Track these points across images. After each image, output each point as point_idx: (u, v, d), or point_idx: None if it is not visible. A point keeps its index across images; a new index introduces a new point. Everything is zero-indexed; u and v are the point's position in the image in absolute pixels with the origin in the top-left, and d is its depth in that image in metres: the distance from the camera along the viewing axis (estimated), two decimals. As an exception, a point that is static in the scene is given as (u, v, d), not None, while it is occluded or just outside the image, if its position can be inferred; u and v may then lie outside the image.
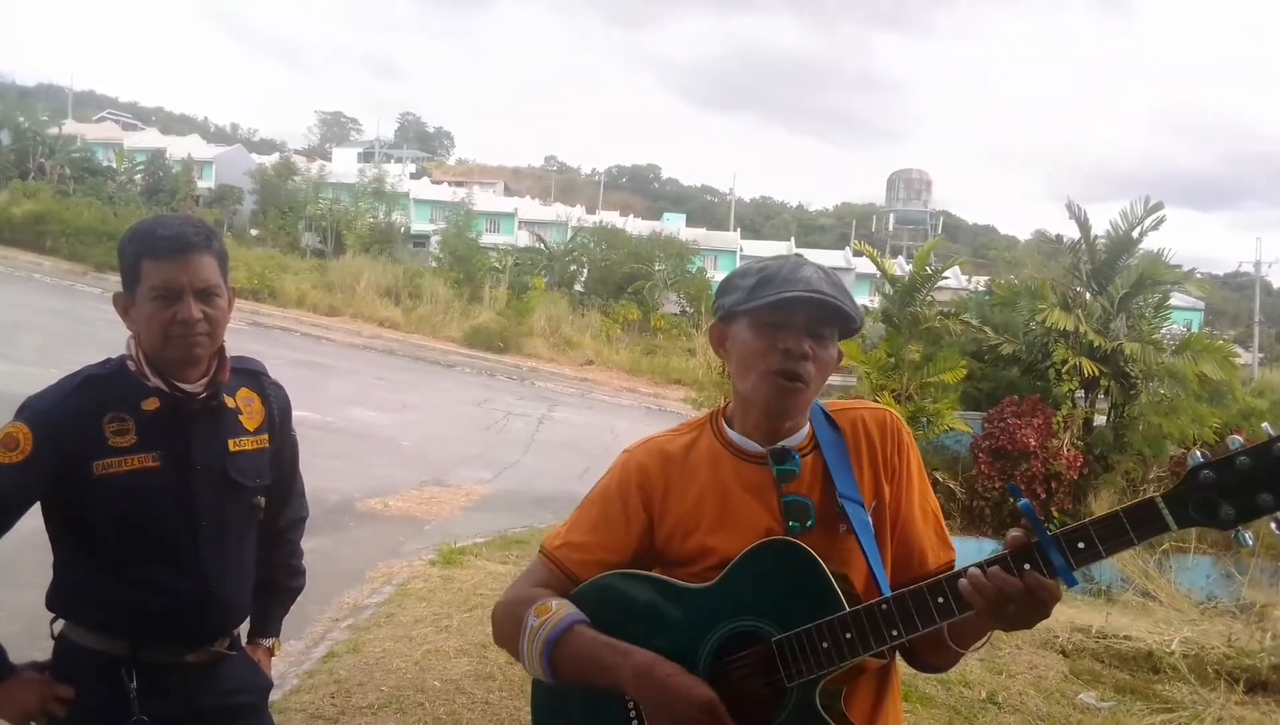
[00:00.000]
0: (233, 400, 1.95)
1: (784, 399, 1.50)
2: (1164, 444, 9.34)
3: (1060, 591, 1.31)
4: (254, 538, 2.02)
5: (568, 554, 1.60)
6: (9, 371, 11.01)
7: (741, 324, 1.54)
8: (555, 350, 23.58)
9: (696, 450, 1.60)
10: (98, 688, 1.83)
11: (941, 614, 1.36)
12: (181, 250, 1.78)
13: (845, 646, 1.40)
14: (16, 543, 1.93)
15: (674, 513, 1.57)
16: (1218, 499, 1.25)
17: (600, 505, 1.62)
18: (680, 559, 1.56)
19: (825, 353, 1.51)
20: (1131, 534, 1.28)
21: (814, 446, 1.57)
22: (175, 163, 39.69)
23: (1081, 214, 10.31)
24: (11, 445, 1.76)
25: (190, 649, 1.89)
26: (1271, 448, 1.23)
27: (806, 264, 1.53)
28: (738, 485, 1.55)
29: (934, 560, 1.60)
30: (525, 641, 1.51)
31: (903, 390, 9.76)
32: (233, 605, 1.97)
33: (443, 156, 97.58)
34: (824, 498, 1.53)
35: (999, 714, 4.75)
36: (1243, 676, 5.48)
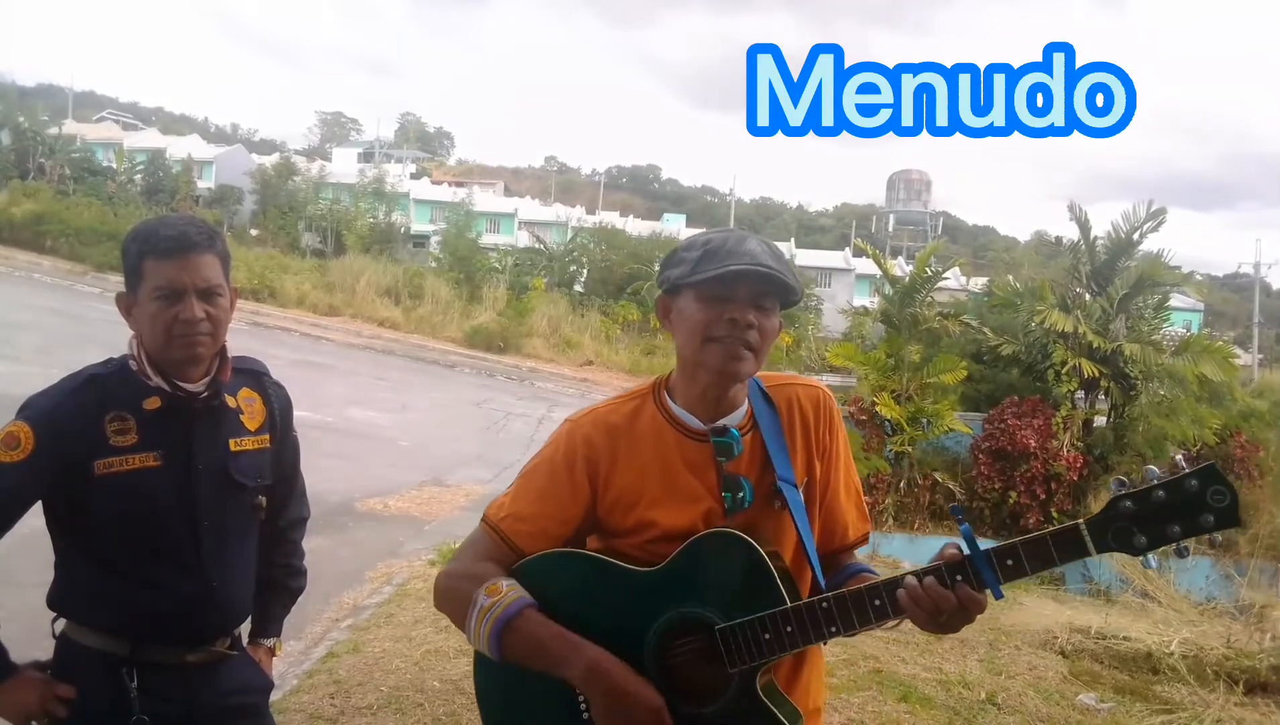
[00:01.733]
0: (234, 400, 1.95)
1: (732, 364, 1.53)
2: (1164, 445, 9.33)
3: (986, 603, 1.42)
4: (255, 538, 2.03)
5: (513, 526, 1.62)
6: (8, 372, 11.01)
7: (687, 296, 1.57)
8: (555, 350, 23.56)
9: (640, 422, 1.63)
10: (99, 687, 1.83)
11: (878, 616, 1.46)
12: (184, 250, 1.79)
13: (786, 639, 1.48)
14: (16, 543, 1.93)
15: (618, 485, 1.60)
16: (1133, 528, 1.37)
17: (545, 476, 1.64)
18: (622, 530, 1.60)
19: (768, 323, 1.56)
20: (1055, 556, 1.40)
21: (752, 425, 1.62)
22: (175, 163, 39.68)
23: (1083, 215, 10.32)
24: (13, 444, 1.77)
25: (191, 649, 1.90)
26: (1184, 483, 1.35)
27: (749, 237, 1.59)
28: (680, 461, 1.59)
29: (854, 533, 1.71)
30: (474, 619, 1.54)
31: (902, 391, 9.77)
32: (233, 605, 1.97)
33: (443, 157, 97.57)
34: (761, 477, 1.59)
35: (999, 715, 4.75)
36: (1242, 678, 5.47)
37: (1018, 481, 9.10)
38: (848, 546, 1.71)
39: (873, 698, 4.67)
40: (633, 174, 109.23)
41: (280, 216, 35.82)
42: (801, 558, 1.60)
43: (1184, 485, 1.35)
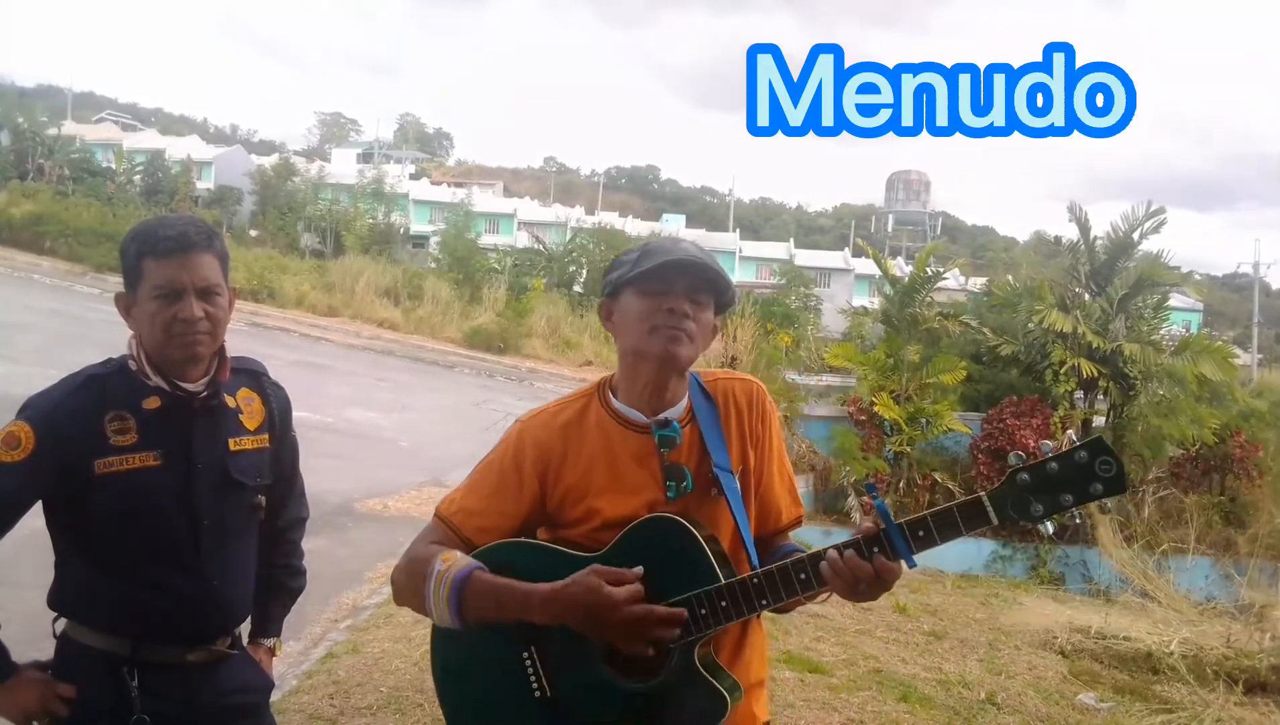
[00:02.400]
0: (233, 400, 1.97)
1: (673, 347, 1.64)
2: (1163, 445, 9.34)
3: (901, 571, 1.54)
4: (255, 537, 2.03)
5: (464, 519, 1.71)
6: (8, 372, 11.00)
7: (628, 294, 1.69)
8: (554, 351, 23.55)
9: (586, 421, 1.73)
10: (99, 686, 1.84)
11: (803, 588, 1.57)
12: (183, 249, 1.81)
13: (720, 613, 1.58)
14: (16, 543, 1.93)
15: (567, 481, 1.70)
16: (1030, 497, 1.51)
17: (496, 473, 1.73)
18: (569, 521, 1.70)
19: (704, 316, 1.68)
20: (961, 525, 1.52)
21: (691, 418, 1.73)
22: (174, 163, 39.64)
23: (1082, 215, 10.32)
24: (13, 444, 1.78)
25: (191, 648, 1.90)
26: (1073, 455, 1.49)
27: (684, 240, 1.77)
28: (624, 453, 1.70)
29: (787, 516, 1.83)
30: (431, 586, 1.61)
31: (901, 391, 9.76)
32: (234, 604, 1.98)
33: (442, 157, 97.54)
34: (699, 465, 1.70)
35: (998, 714, 4.75)
36: (1242, 677, 5.48)
37: (1017, 481, 9.09)
38: (781, 529, 1.83)
39: (872, 698, 4.67)
40: (632, 174, 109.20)
41: (279, 217, 35.79)
42: (739, 540, 1.69)
43: (1074, 457, 1.49)
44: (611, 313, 1.75)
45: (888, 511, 1.54)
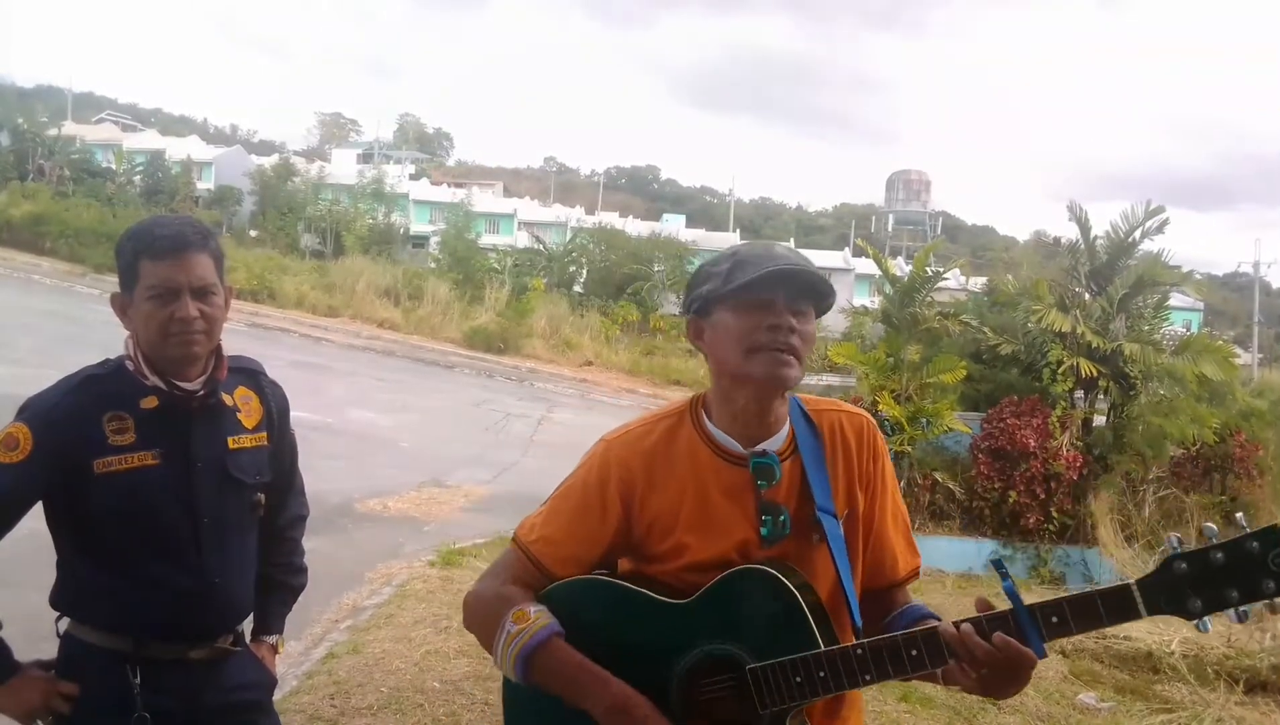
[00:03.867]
0: (231, 398, 1.97)
1: (779, 371, 1.49)
2: (1164, 444, 9.33)
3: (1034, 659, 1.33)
4: (255, 535, 2.04)
5: (543, 549, 1.59)
6: (8, 373, 11.00)
7: (721, 311, 1.53)
8: (554, 351, 23.55)
9: (676, 444, 1.59)
10: (102, 684, 1.85)
11: (914, 665, 1.39)
12: (179, 249, 1.81)
13: (818, 684, 1.43)
14: (16, 542, 1.94)
15: (653, 509, 1.56)
16: (1188, 591, 1.30)
17: (578, 498, 1.61)
18: (654, 555, 1.56)
19: (807, 328, 1.52)
20: (1104, 616, 1.33)
21: (793, 450, 1.57)
22: (174, 164, 39.69)
23: (1082, 215, 10.31)
24: (12, 445, 1.79)
25: (193, 645, 1.91)
26: (1243, 545, 1.27)
27: (775, 244, 1.57)
28: (716, 486, 1.55)
29: (904, 566, 1.65)
30: (500, 644, 1.52)
31: (902, 391, 9.76)
32: (235, 601, 1.98)
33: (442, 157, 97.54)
34: (800, 506, 1.54)
35: (999, 714, 4.75)
36: (1242, 677, 5.48)
37: (1017, 481, 9.10)
38: (898, 582, 1.65)
39: (873, 697, 4.67)
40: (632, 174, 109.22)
41: (279, 217, 35.83)
42: (840, 594, 1.54)
43: (1244, 547, 1.28)
44: (702, 331, 1.58)
45: (1016, 592, 1.36)
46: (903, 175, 75.62)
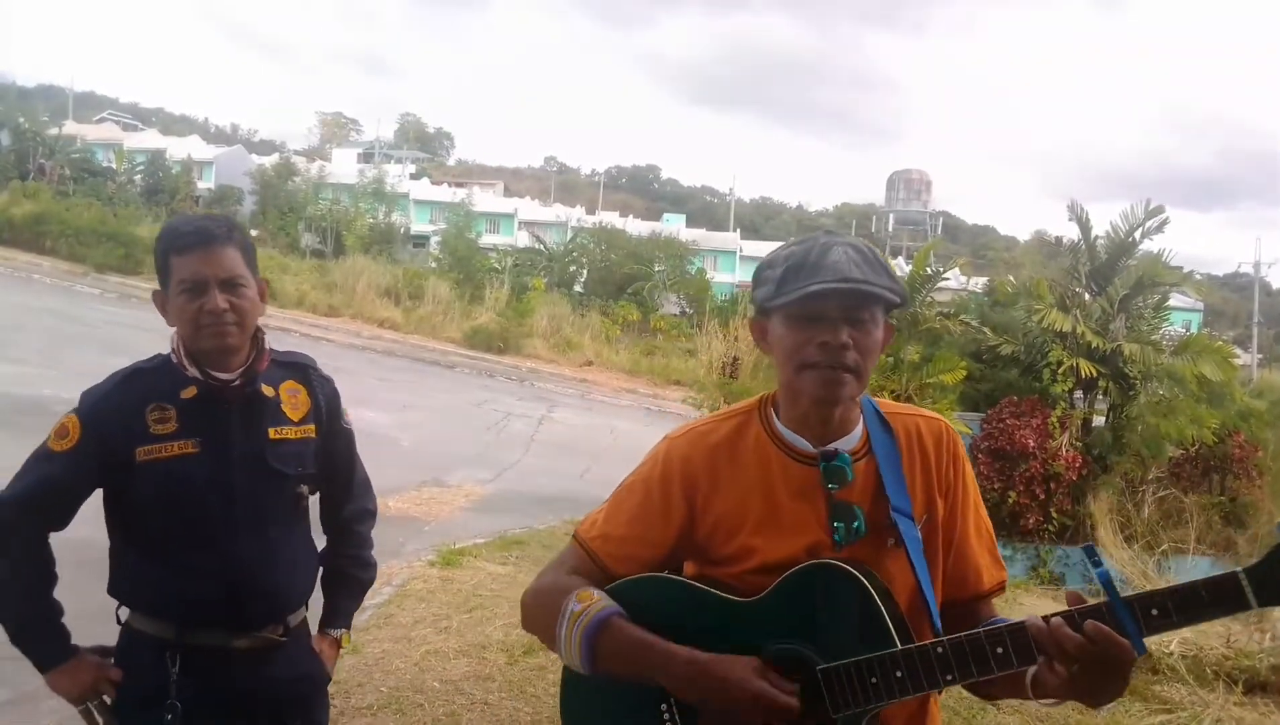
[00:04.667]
0: (274, 390, 2.01)
1: (828, 390, 1.42)
2: (1163, 445, 9.34)
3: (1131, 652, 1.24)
4: (303, 528, 2.08)
5: (603, 546, 1.53)
6: (9, 372, 11.00)
7: (776, 319, 1.47)
8: (555, 351, 23.57)
9: (743, 442, 1.52)
10: (145, 671, 1.91)
11: (999, 664, 1.31)
12: (203, 243, 1.87)
13: (895, 685, 1.35)
14: (17, 544, 1.95)
15: (717, 509, 1.50)
16: None
17: (640, 495, 1.54)
18: (721, 558, 1.49)
19: (868, 338, 1.43)
20: (1210, 608, 1.23)
21: (867, 450, 1.50)
22: (175, 163, 39.74)
23: (1083, 215, 10.31)
24: (63, 434, 1.89)
25: (236, 634, 1.94)
26: None
27: (835, 245, 1.43)
28: (785, 486, 1.48)
29: (989, 580, 1.56)
30: (564, 626, 1.45)
31: (902, 391, 9.76)
32: (277, 593, 2.00)
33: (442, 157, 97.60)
34: (874, 507, 1.47)
35: (998, 715, 4.76)
36: (1242, 677, 5.48)
37: (1017, 481, 9.10)
38: (983, 594, 1.55)
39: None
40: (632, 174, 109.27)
41: (280, 217, 35.85)
42: (919, 600, 1.46)
43: None
44: (765, 332, 1.52)
45: (1112, 582, 1.26)
46: (903, 175, 75.64)
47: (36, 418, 9.41)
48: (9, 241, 25.40)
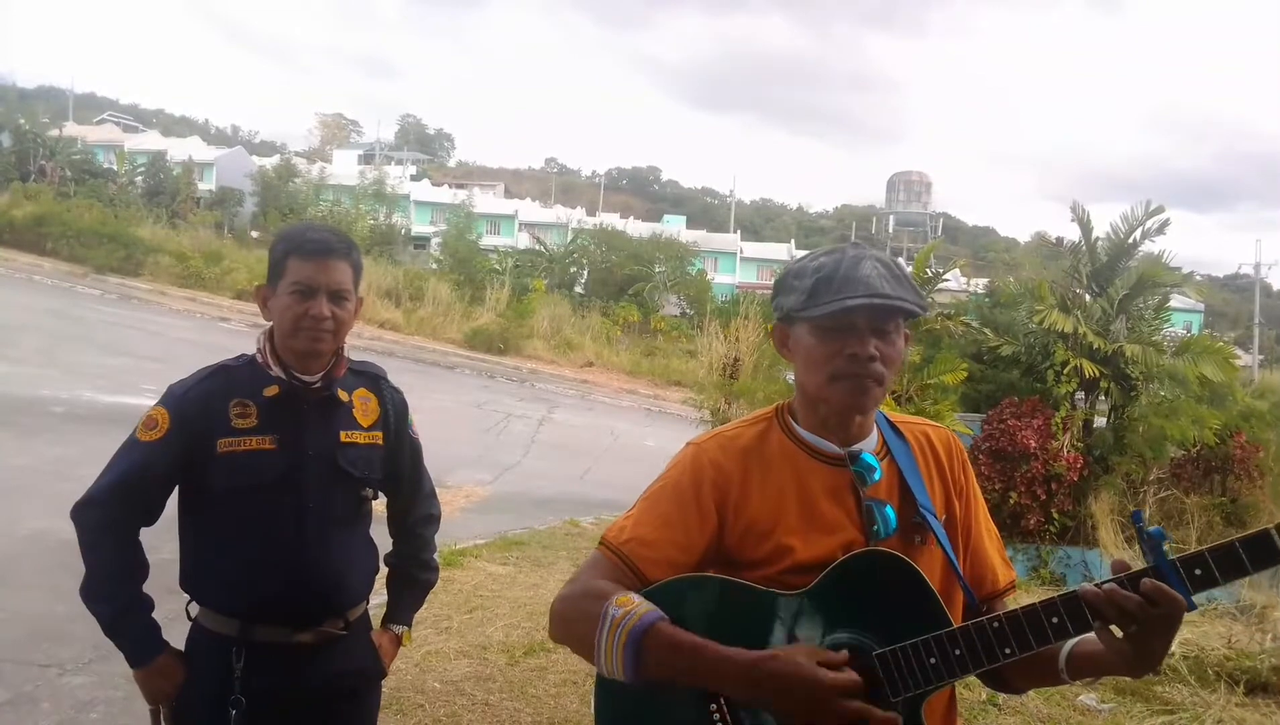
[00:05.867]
0: (348, 396, 2.11)
1: (857, 398, 1.46)
2: (1164, 445, 9.33)
3: (1184, 605, 1.28)
4: (364, 528, 2.17)
5: (635, 550, 1.48)
6: (9, 372, 11.01)
7: (802, 328, 1.49)
8: (555, 352, 23.57)
9: (769, 446, 1.54)
10: (210, 667, 1.98)
11: (1056, 634, 1.33)
12: (324, 253, 1.99)
13: (955, 663, 1.36)
14: (16, 543, 1.96)
15: (749, 512, 1.49)
16: None
17: (671, 500, 1.52)
18: (754, 561, 1.48)
19: (892, 349, 1.47)
20: (1248, 564, 1.28)
21: (886, 452, 1.54)
22: (176, 165, 39.70)
23: (1084, 215, 10.31)
24: (152, 425, 1.98)
25: (298, 629, 2.01)
26: None
27: (865, 259, 1.47)
28: (817, 486, 1.50)
29: (1003, 579, 1.60)
30: (605, 634, 1.38)
31: (903, 392, 9.76)
32: (338, 589, 2.07)
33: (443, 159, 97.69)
34: (903, 505, 1.50)
35: (999, 715, 4.76)
36: (1243, 678, 5.47)
37: (1018, 482, 9.10)
38: (998, 593, 1.60)
39: (873, 698, 4.67)
40: (633, 175, 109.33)
41: (281, 218, 35.76)
42: (954, 592, 1.49)
43: None
44: (786, 340, 1.55)
45: (1162, 543, 1.29)
46: (903, 176, 75.71)
47: (36, 418, 9.44)
48: (10, 242, 25.40)
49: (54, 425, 9.00)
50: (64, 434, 8.74)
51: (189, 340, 16.58)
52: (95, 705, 3.82)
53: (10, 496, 6.28)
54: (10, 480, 6.92)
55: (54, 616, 4.36)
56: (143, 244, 25.15)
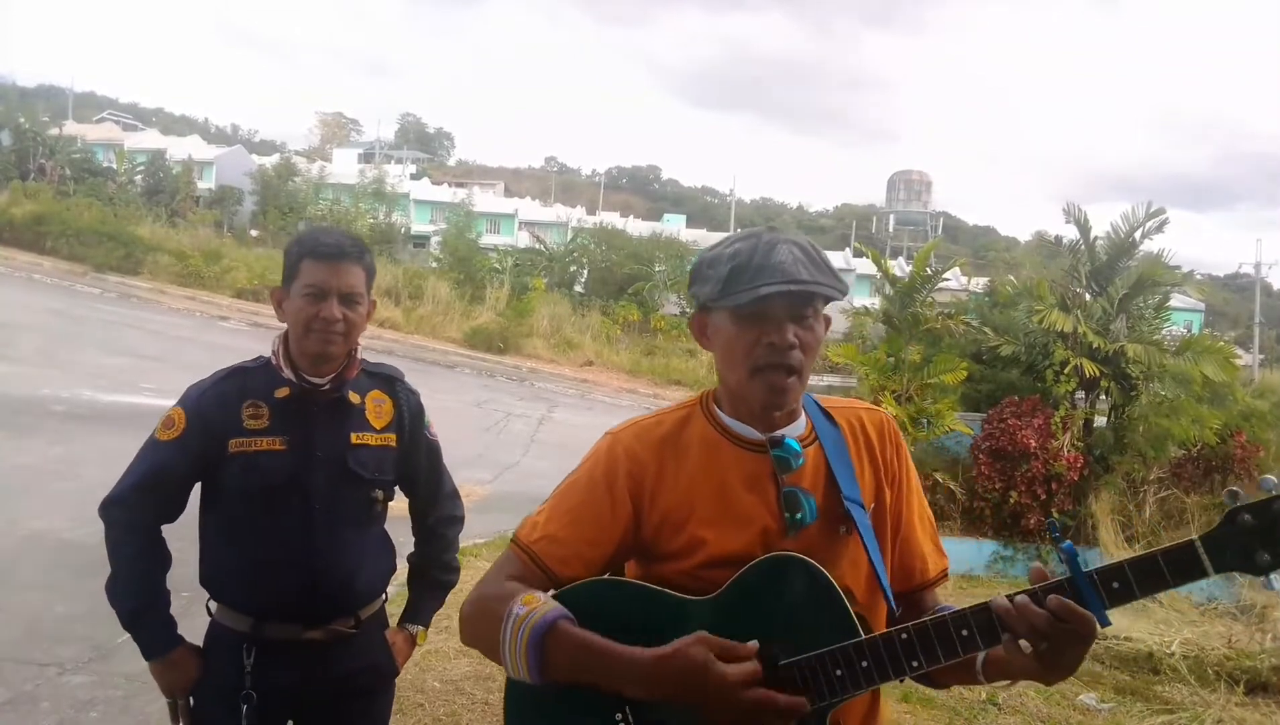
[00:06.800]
0: (361, 398, 2.14)
1: (776, 395, 1.42)
2: (1165, 445, 9.33)
3: (1094, 623, 1.24)
4: (377, 529, 2.22)
5: (546, 548, 1.46)
6: (9, 372, 11.00)
7: (720, 316, 1.45)
8: (555, 351, 23.56)
9: (689, 434, 1.49)
10: (224, 663, 2.03)
11: (965, 647, 1.30)
12: (337, 257, 2.02)
13: (861, 675, 1.33)
14: (16, 543, 1.96)
15: (664, 502, 1.45)
16: (1256, 545, 1.21)
17: (583, 493, 1.49)
18: (669, 553, 1.45)
19: (811, 334, 1.43)
20: (1168, 577, 1.23)
21: (814, 438, 1.49)
22: (175, 163, 39.66)
23: (1081, 216, 10.31)
24: (170, 425, 2.04)
25: (309, 627, 2.04)
26: None
27: (780, 244, 1.42)
28: (734, 474, 1.45)
29: (934, 568, 1.57)
30: (508, 632, 1.36)
31: (903, 391, 9.77)
32: (347, 588, 2.11)
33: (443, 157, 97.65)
34: (825, 494, 1.45)
35: (999, 715, 4.75)
36: (1243, 678, 5.48)
37: (1018, 482, 9.10)
38: (928, 584, 1.57)
39: (873, 698, 4.67)
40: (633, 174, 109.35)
41: (280, 217, 35.79)
42: (874, 588, 1.44)
43: None
44: (705, 328, 1.50)
45: (1076, 556, 1.25)
46: (903, 175, 75.72)
47: (36, 418, 9.44)
48: (9, 241, 25.39)
49: (54, 425, 8.99)
50: (64, 434, 8.74)
51: (188, 339, 16.58)
52: (95, 705, 3.82)
53: (10, 496, 6.28)
54: (10, 480, 6.92)
55: (54, 616, 4.34)
56: (142, 243, 25.14)
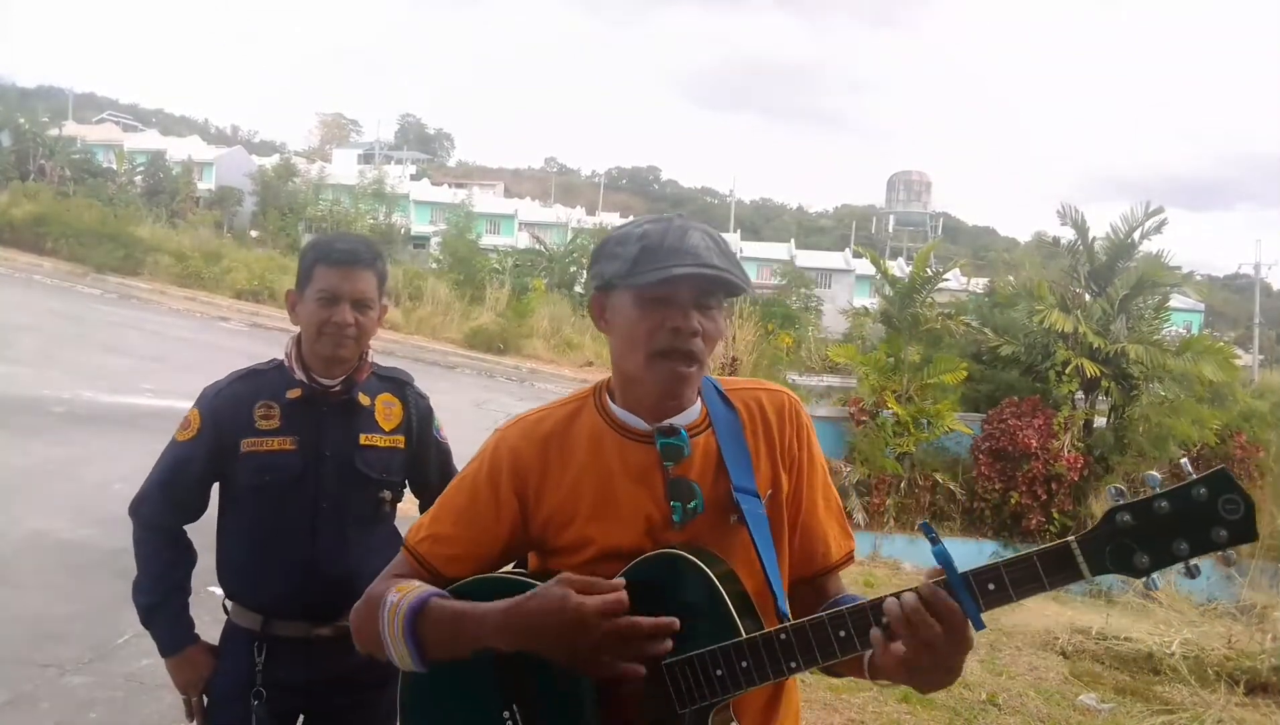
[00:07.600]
0: (371, 400, 2.19)
1: (676, 383, 1.39)
2: (1165, 445, 9.33)
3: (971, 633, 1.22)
4: (384, 528, 2.22)
5: (432, 548, 1.46)
6: (8, 373, 11.00)
7: (623, 297, 1.40)
8: (555, 352, 23.57)
9: (576, 428, 1.47)
10: (236, 660, 2.08)
11: (843, 648, 1.28)
12: (350, 263, 2.07)
13: (741, 675, 1.31)
14: (16, 543, 1.96)
15: (550, 499, 1.44)
16: (1134, 546, 1.17)
17: (468, 493, 1.48)
18: (560, 548, 1.44)
19: (714, 325, 1.40)
20: (1044, 578, 1.20)
21: (706, 425, 1.45)
22: (175, 164, 39.69)
23: (1078, 217, 10.32)
24: (186, 426, 2.11)
25: (316, 624, 2.08)
26: (1190, 492, 1.15)
27: (692, 229, 1.40)
28: (620, 467, 1.42)
29: (837, 552, 1.53)
30: (385, 621, 1.37)
31: (903, 392, 9.77)
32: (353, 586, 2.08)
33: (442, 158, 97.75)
34: (715, 485, 1.42)
35: (999, 715, 4.75)
36: (1243, 678, 5.48)
37: (1019, 482, 9.11)
38: (831, 567, 1.53)
39: (873, 698, 4.67)
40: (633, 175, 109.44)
41: (280, 218, 35.79)
42: (764, 579, 1.41)
43: (1191, 494, 1.15)
44: (604, 310, 1.46)
45: (950, 558, 1.23)
46: (903, 176, 75.75)
47: (36, 418, 9.43)
48: (9, 242, 25.39)
49: (54, 425, 8.99)
50: (64, 434, 8.73)
51: (189, 339, 16.58)
52: (95, 705, 3.81)
53: (10, 496, 6.28)
54: (10, 480, 6.92)
55: (54, 616, 4.37)
56: (142, 243, 25.13)
